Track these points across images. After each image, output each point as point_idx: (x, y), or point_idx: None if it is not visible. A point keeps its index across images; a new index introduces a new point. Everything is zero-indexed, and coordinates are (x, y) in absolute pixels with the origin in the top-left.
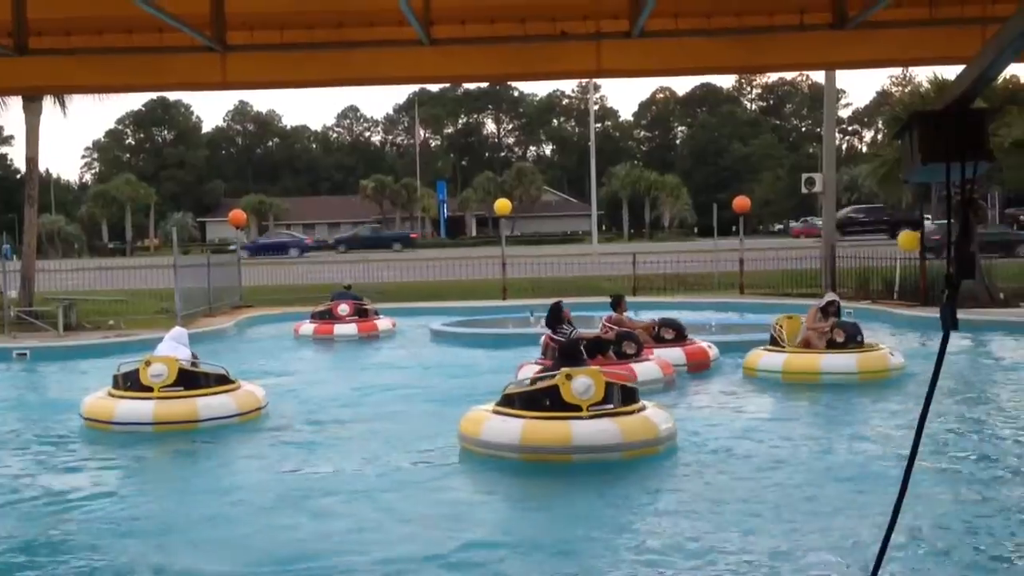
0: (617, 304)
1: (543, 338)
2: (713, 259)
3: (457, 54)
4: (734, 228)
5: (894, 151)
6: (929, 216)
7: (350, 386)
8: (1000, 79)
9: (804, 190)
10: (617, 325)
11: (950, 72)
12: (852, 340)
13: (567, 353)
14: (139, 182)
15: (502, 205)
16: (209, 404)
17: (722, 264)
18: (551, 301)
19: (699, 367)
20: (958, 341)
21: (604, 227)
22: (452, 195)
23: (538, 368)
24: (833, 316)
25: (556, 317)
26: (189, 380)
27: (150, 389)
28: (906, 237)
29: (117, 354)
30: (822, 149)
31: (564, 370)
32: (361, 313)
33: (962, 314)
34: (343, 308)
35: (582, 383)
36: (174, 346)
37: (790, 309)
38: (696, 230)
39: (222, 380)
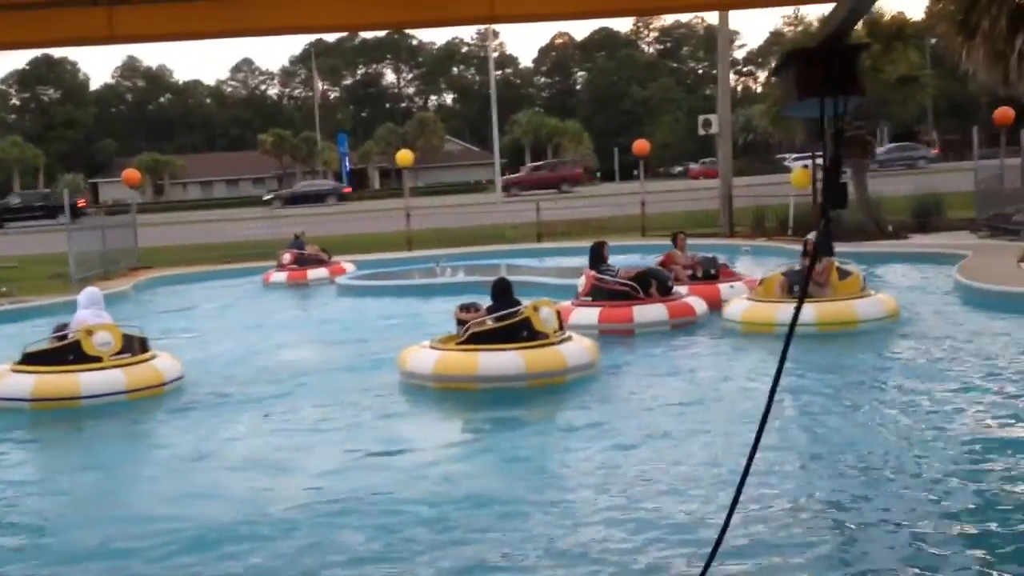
0: (675, 240)
1: (583, 277)
2: (616, 203)
3: (349, 2)
4: (635, 172)
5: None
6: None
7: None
8: (887, 16)
9: (701, 132)
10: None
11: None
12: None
13: (500, 291)
14: (26, 143)
15: (403, 156)
16: (167, 368)
17: (625, 207)
18: (458, 251)
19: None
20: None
21: (507, 175)
22: (354, 148)
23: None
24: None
25: (598, 256)
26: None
27: (98, 359)
28: (798, 175)
29: (11, 322)
30: (718, 91)
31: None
32: (304, 261)
33: (852, 247)
34: (286, 257)
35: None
36: (98, 312)
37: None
38: (599, 174)
39: (144, 345)
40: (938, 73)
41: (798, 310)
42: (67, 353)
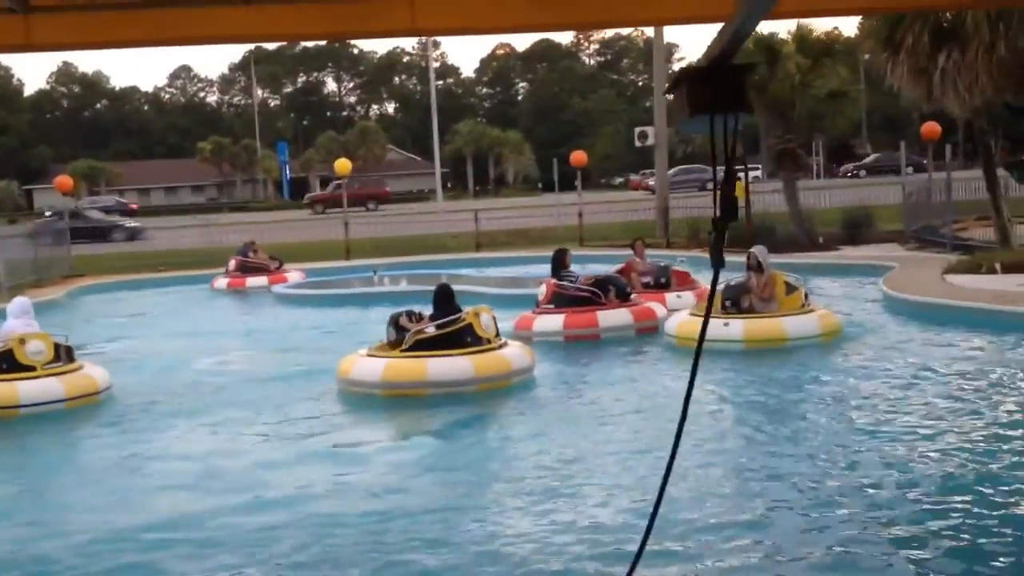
0: (634, 246)
1: (543, 285)
2: (556, 213)
3: (272, 14)
4: (576, 182)
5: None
6: (759, 167)
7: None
8: (817, 31)
9: (637, 143)
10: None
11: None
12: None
13: (442, 298)
14: None
15: (342, 165)
16: (99, 377)
17: (564, 217)
18: (396, 260)
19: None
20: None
21: (449, 185)
22: (294, 156)
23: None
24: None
25: (560, 263)
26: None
27: (32, 368)
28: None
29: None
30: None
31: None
32: (247, 269)
33: (784, 258)
34: (231, 264)
35: None
36: (28, 321)
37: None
38: (540, 185)
39: (71, 355)
40: (871, 88)
41: (704, 327)
42: (0, 362)
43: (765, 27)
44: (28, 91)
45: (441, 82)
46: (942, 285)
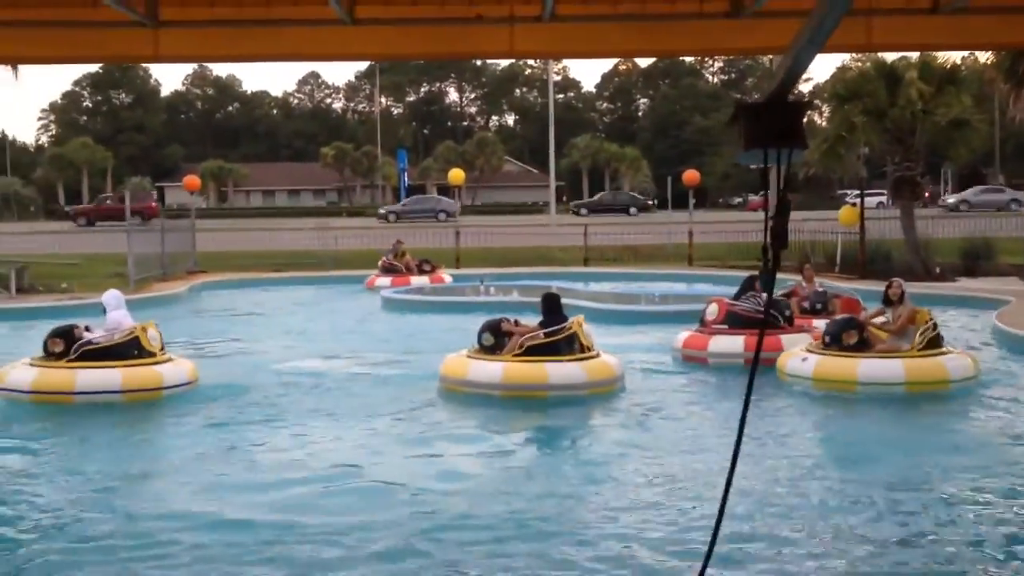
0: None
1: (713, 304)
2: (667, 231)
3: (379, 33)
4: (695, 201)
5: (835, 127)
6: (883, 193)
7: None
8: (934, 59)
9: (751, 165)
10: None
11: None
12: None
13: (550, 306)
14: (96, 145)
15: (455, 175)
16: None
17: (676, 236)
18: (503, 271)
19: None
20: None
21: (564, 199)
22: (413, 164)
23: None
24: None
25: (749, 287)
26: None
27: (153, 354)
28: (846, 212)
29: (70, 316)
30: None
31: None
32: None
33: None
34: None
35: None
36: (126, 312)
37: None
38: (655, 202)
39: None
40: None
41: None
42: (132, 348)
43: (887, 53)
44: (164, 92)
45: (561, 96)
46: None
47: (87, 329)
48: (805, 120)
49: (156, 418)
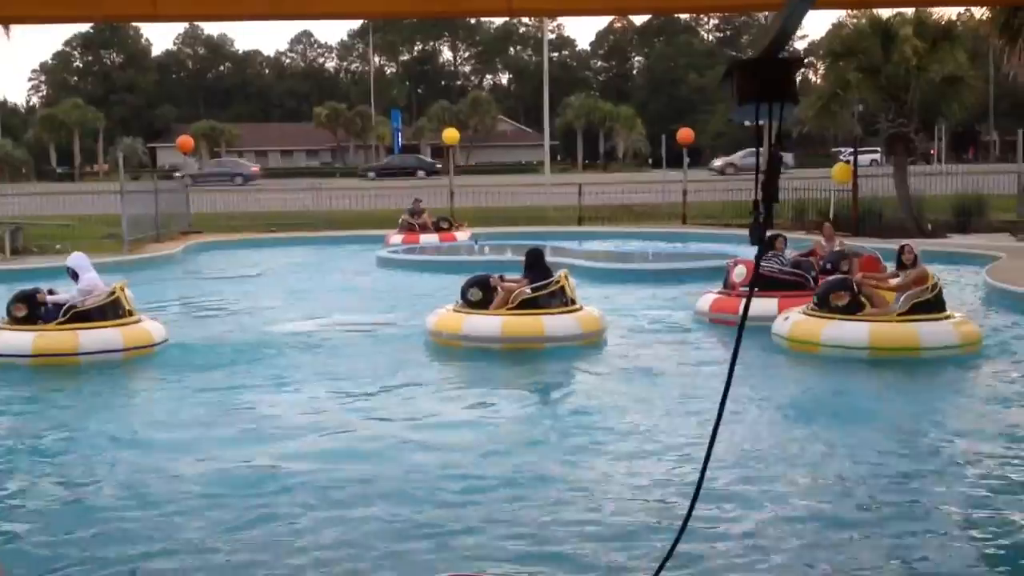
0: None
1: (739, 265)
2: (662, 190)
3: None
4: (689, 159)
5: (830, 84)
6: (877, 151)
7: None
8: (929, 16)
9: (746, 123)
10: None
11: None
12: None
13: (534, 261)
14: (87, 106)
15: (450, 135)
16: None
17: (670, 195)
18: (496, 230)
19: None
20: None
21: (559, 158)
22: (407, 124)
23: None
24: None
25: (770, 246)
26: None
27: (132, 313)
28: (839, 169)
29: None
30: None
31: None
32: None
33: (888, 243)
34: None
35: None
36: (95, 274)
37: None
38: (651, 161)
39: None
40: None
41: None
42: (117, 308)
43: (882, 10)
44: (155, 51)
45: (556, 54)
46: None
47: (50, 292)
48: (799, 78)
49: (150, 377)
